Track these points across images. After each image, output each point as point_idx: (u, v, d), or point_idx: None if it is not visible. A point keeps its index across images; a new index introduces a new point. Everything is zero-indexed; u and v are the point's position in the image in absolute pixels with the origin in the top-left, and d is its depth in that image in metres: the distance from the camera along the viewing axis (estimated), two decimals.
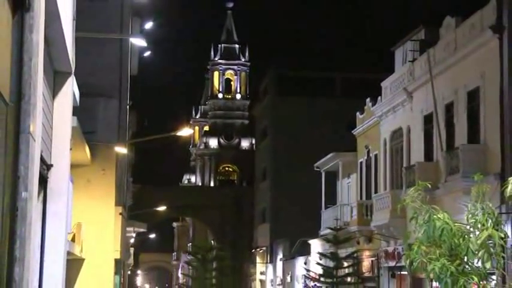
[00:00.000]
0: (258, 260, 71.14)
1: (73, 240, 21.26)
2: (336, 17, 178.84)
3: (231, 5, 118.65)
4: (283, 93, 68.98)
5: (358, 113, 43.25)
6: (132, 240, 48.55)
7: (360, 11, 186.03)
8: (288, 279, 57.38)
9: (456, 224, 10.98)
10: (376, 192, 38.32)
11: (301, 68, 75.04)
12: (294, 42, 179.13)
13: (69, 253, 15.63)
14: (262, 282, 68.62)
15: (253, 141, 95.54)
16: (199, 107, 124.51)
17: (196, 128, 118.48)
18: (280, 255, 61.81)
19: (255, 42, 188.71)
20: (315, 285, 43.21)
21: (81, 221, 22.67)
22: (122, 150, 28.84)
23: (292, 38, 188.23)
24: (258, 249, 71.43)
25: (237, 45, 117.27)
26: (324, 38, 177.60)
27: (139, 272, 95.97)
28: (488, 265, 10.95)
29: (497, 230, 10.81)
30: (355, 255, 39.62)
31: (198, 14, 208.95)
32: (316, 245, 47.61)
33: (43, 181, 7.87)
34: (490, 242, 10.70)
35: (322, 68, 75.22)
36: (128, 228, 38.80)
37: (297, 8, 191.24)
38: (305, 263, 49.37)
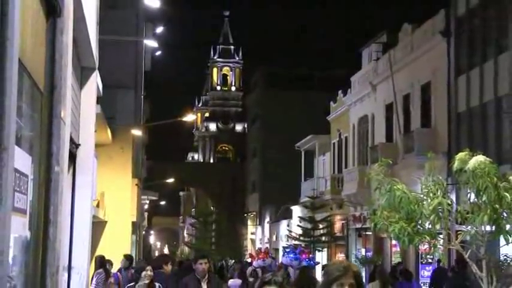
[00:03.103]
0: (249, 222, 71.30)
1: (97, 206, 21.26)
2: (329, 16, 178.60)
3: (227, 13, 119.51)
4: (271, 86, 68.93)
5: (331, 103, 43.27)
6: (146, 206, 48.59)
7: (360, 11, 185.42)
8: (274, 238, 57.54)
9: (412, 193, 10.98)
10: (346, 167, 38.41)
11: (285, 66, 74.97)
12: (284, 42, 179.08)
13: (94, 217, 15.61)
14: (252, 240, 68.79)
15: (246, 126, 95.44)
16: (201, 97, 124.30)
17: (199, 114, 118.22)
18: (267, 219, 61.98)
19: (249, 41, 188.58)
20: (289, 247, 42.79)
21: (104, 190, 22.65)
22: (137, 132, 28.81)
23: (283, 38, 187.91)
24: (249, 214, 71.60)
25: (232, 47, 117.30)
26: (310, 37, 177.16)
27: (152, 232, 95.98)
28: (437, 226, 10.97)
29: (445, 198, 10.83)
30: (328, 218, 39.74)
31: (201, 20, 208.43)
32: (296, 211, 47.75)
33: (72, 157, 7.83)
34: (439, 208, 10.71)
35: (302, 65, 75.29)
36: (142, 196, 38.81)
37: (293, 9, 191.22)
38: (288, 225, 49.50)
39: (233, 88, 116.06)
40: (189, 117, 49.70)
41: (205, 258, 11.07)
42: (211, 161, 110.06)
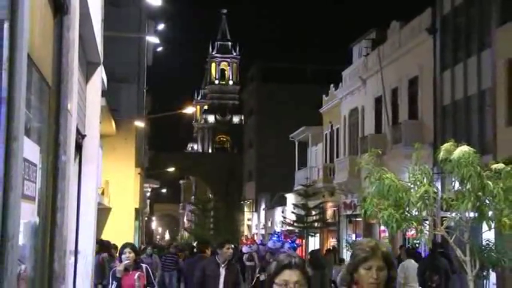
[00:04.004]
0: (246, 209, 71.35)
1: (102, 193, 21.26)
2: (322, 14, 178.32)
3: (225, 11, 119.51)
4: (266, 80, 68.85)
5: (324, 96, 43.26)
6: (148, 194, 48.60)
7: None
8: (269, 224, 57.60)
9: (400, 181, 11.00)
10: (337, 157, 38.43)
11: (280, 60, 74.72)
12: (279, 38, 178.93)
13: (99, 203, 15.60)
14: (249, 226, 68.87)
15: (242, 117, 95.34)
16: (200, 90, 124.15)
17: (198, 107, 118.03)
18: (263, 206, 62.01)
19: (245, 37, 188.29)
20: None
21: (109, 179, 22.66)
22: (140, 124, 28.78)
23: (279, 34, 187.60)
24: (245, 201, 71.64)
25: (229, 43, 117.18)
26: (304, 34, 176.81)
27: (153, 218, 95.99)
28: (424, 213, 11.00)
29: (431, 186, 10.85)
30: (321, 205, 39.77)
31: (200, 17, 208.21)
32: (291, 198, 47.79)
33: (78, 148, 7.82)
34: (425, 195, 10.73)
35: (297, 61, 75.16)
36: (144, 185, 38.82)
37: (288, 7, 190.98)
38: (282, 212, 49.53)
39: (230, 82, 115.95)
40: (189, 110, 49.67)
41: (230, 242, 10.57)
42: (210, 151, 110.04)
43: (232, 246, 11.00)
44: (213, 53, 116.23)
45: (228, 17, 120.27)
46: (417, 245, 21.76)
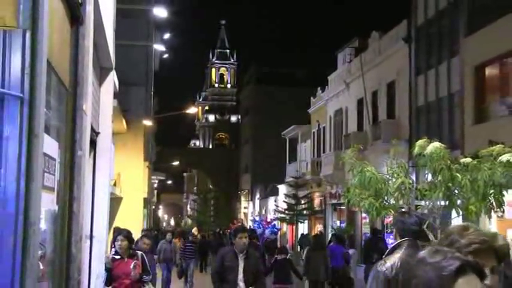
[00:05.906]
0: (243, 199, 71.33)
1: (115, 184, 21.20)
2: (310, 24, 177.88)
3: (223, 22, 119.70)
4: (261, 83, 68.74)
5: (312, 98, 43.26)
6: (155, 185, 48.52)
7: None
8: (263, 212, 57.62)
9: (379, 174, 11.01)
10: (324, 152, 38.45)
11: (273, 65, 74.53)
12: (272, 45, 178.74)
13: (112, 193, 15.56)
14: (245, 214, 68.88)
15: (239, 117, 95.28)
16: (202, 93, 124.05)
17: (200, 107, 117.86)
18: (257, 196, 62.02)
19: (242, 44, 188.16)
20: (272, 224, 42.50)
21: (120, 171, 22.61)
22: (148, 122, 28.71)
23: (272, 42, 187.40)
24: (242, 191, 71.61)
25: (228, 50, 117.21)
26: (294, 42, 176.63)
27: (160, 206, 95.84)
28: (401, 202, 11.01)
29: (406, 178, 10.86)
30: (309, 195, 39.81)
31: (202, 27, 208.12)
32: (282, 189, 47.82)
33: (93, 144, 7.80)
34: (402, 186, 10.75)
35: (287, 66, 75.05)
36: (152, 177, 38.76)
37: (282, 17, 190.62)
38: (275, 201, 49.56)
39: (229, 85, 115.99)
40: (192, 110, 49.65)
41: (246, 231, 9.20)
42: (210, 147, 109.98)
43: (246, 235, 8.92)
44: (213, 60, 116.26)
45: (226, 26, 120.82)
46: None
